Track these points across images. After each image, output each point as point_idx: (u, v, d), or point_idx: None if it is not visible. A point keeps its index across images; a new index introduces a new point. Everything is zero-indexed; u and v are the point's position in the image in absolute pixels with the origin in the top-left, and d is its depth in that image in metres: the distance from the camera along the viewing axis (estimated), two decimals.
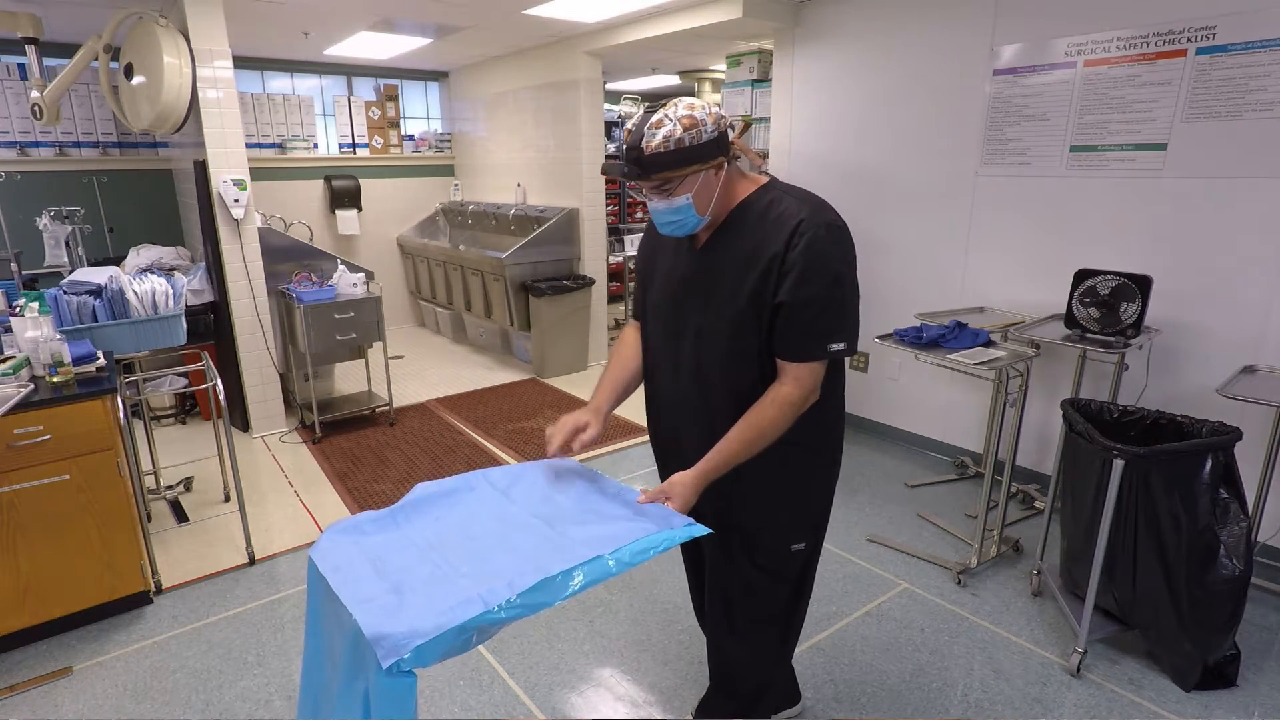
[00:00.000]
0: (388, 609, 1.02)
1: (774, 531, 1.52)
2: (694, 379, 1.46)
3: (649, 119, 1.27)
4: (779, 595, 1.60)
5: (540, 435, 4.02)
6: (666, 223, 1.36)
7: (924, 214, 3.54)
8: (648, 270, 1.58)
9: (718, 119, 1.28)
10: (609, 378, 1.56)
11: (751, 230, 1.36)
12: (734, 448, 1.33)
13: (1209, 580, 1.99)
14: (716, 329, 1.40)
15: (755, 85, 4.45)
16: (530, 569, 1.09)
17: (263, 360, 3.96)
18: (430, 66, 6.38)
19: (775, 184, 1.41)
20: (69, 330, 2.52)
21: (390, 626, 0.98)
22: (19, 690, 2.11)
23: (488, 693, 2.11)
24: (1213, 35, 2.56)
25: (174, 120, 3.59)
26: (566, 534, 1.21)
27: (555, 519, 1.27)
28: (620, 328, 6.50)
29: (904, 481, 3.44)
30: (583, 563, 1.10)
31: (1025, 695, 2.08)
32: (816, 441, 1.48)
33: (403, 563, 1.16)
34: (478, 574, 1.11)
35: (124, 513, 2.34)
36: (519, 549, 1.18)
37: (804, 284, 1.29)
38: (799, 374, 1.33)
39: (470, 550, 1.19)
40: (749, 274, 1.34)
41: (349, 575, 1.12)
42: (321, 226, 6.02)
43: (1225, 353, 2.66)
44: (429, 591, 1.07)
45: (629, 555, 1.13)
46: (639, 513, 1.28)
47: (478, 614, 1.00)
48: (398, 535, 1.25)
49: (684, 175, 1.28)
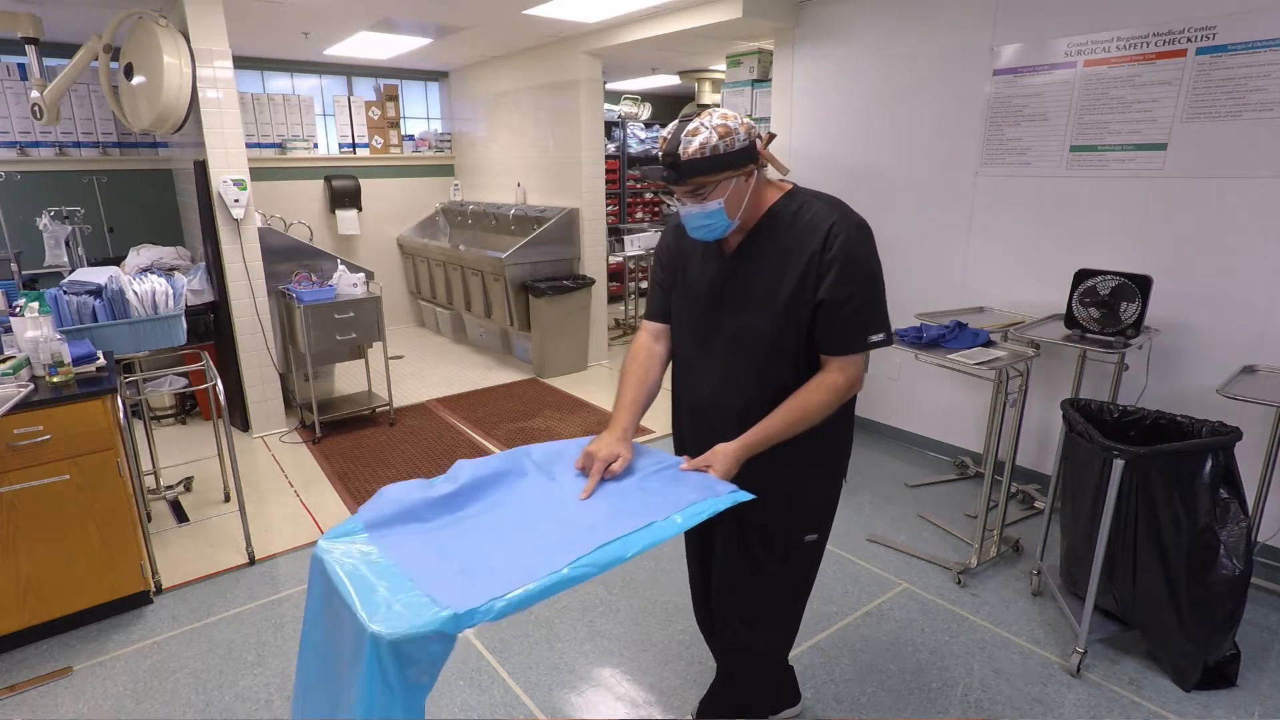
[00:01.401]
0: (462, 587, 1.07)
1: (790, 522, 1.57)
2: (728, 380, 1.51)
3: (685, 126, 1.33)
4: (788, 586, 1.65)
5: (541, 436, 4.03)
6: (698, 226, 1.41)
7: (924, 214, 3.54)
8: (672, 274, 1.61)
9: (749, 129, 1.35)
10: (629, 397, 1.55)
11: (783, 234, 1.43)
12: (778, 425, 1.40)
13: (1209, 580, 1.99)
14: (754, 330, 1.45)
15: (755, 85, 4.45)
16: (587, 538, 1.16)
17: (263, 360, 3.96)
18: (430, 66, 6.38)
19: (799, 190, 1.48)
20: (69, 330, 2.52)
21: (469, 601, 1.03)
22: (19, 690, 2.12)
23: (488, 693, 2.11)
24: (1213, 35, 2.56)
25: (174, 120, 3.59)
26: (616, 505, 1.29)
27: (603, 492, 1.34)
28: (620, 327, 6.51)
29: (904, 481, 3.44)
30: (638, 529, 1.18)
31: (1025, 695, 2.08)
32: (833, 435, 1.54)
33: (465, 545, 1.21)
34: (539, 546, 1.17)
35: (124, 513, 2.34)
36: (574, 522, 1.25)
37: (843, 282, 1.37)
38: (843, 364, 1.42)
39: (526, 527, 1.25)
40: (786, 276, 1.41)
41: (417, 562, 1.16)
42: (321, 226, 6.02)
43: (1225, 353, 2.66)
44: (496, 566, 1.13)
45: (683, 519, 1.21)
46: (683, 481, 1.35)
47: (547, 579, 1.07)
48: (453, 519, 1.30)
49: (717, 181, 1.34)
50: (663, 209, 8.13)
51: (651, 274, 1.67)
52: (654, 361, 1.61)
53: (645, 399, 1.56)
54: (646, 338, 1.65)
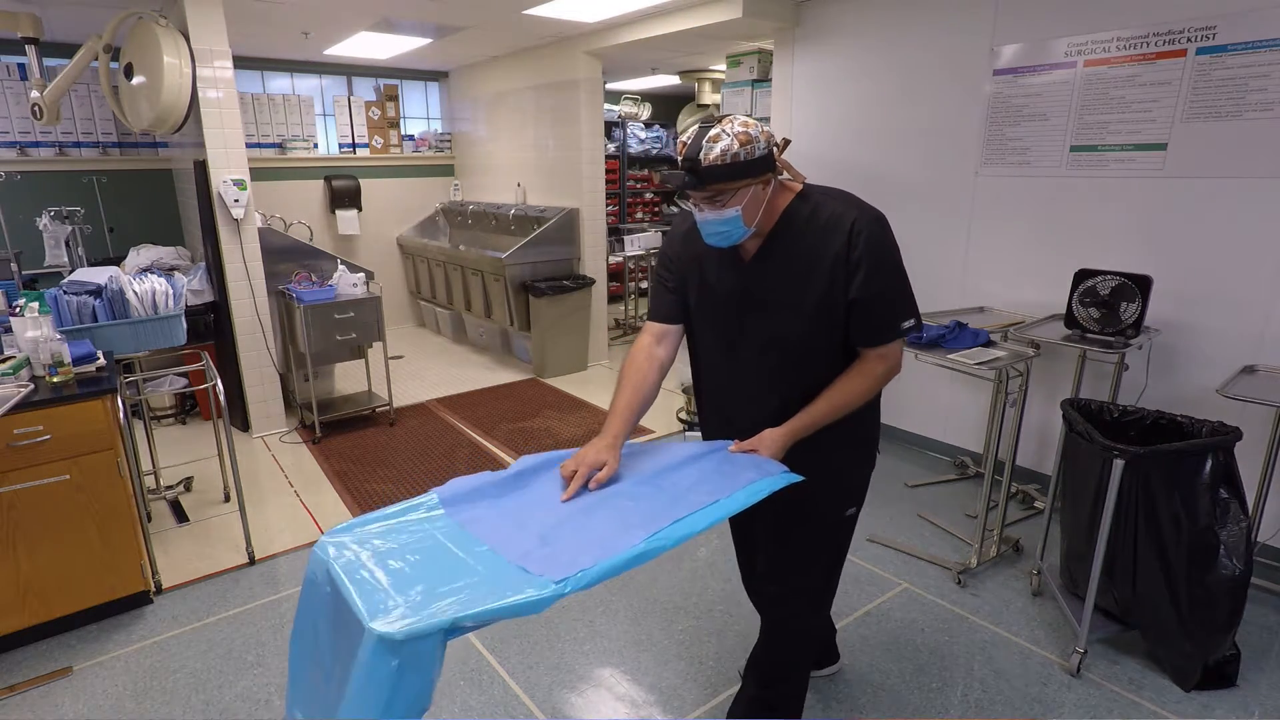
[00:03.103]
0: (549, 559, 1.13)
1: (834, 499, 1.63)
2: (760, 380, 1.53)
3: (706, 133, 1.33)
4: (830, 554, 1.72)
5: (541, 435, 4.03)
6: (714, 233, 1.43)
7: (924, 214, 3.54)
8: (680, 277, 1.60)
9: (769, 137, 1.37)
10: (623, 403, 1.54)
11: (802, 237, 1.45)
12: (822, 412, 1.46)
13: (1209, 580, 1.99)
14: (785, 334, 1.48)
15: (755, 85, 4.45)
16: (664, 513, 1.24)
17: (263, 360, 3.96)
18: (430, 66, 6.38)
19: (810, 189, 1.49)
20: (69, 330, 2.52)
21: (556, 570, 1.09)
22: (19, 690, 2.12)
23: (487, 693, 2.11)
24: (1213, 35, 2.56)
25: (174, 120, 3.60)
26: (677, 485, 1.36)
27: (665, 479, 1.39)
28: (620, 327, 6.50)
29: (904, 481, 3.44)
30: (705, 506, 1.25)
31: (1025, 695, 2.08)
32: (870, 419, 1.63)
33: (541, 517, 1.27)
34: (612, 521, 1.24)
35: (124, 513, 2.34)
36: (644, 498, 1.32)
37: (874, 277, 1.40)
38: (883, 351, 1.48)
39: (598, 508, 1.31)
40: (811, 279, 1.43)
41: (500, 534, 1.22)
42: (321, 226, 6.02)
43: (1225, 353, 2.66)
44: (575, 539, 1.19)
45: (744, 498, 1.29)
46: (736, 461, 1.42)
47: (628, 551, 1.13)
48: (525, 495, 1.37)
49: (736, 188, 1.35)
50: (663, 209, 8.13)
51: (656, 275, 1.66)
52: (653, 365, 1.60)
53: (640, 406, 1.56)
54: (648, 340, 1.64)
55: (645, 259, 6.31)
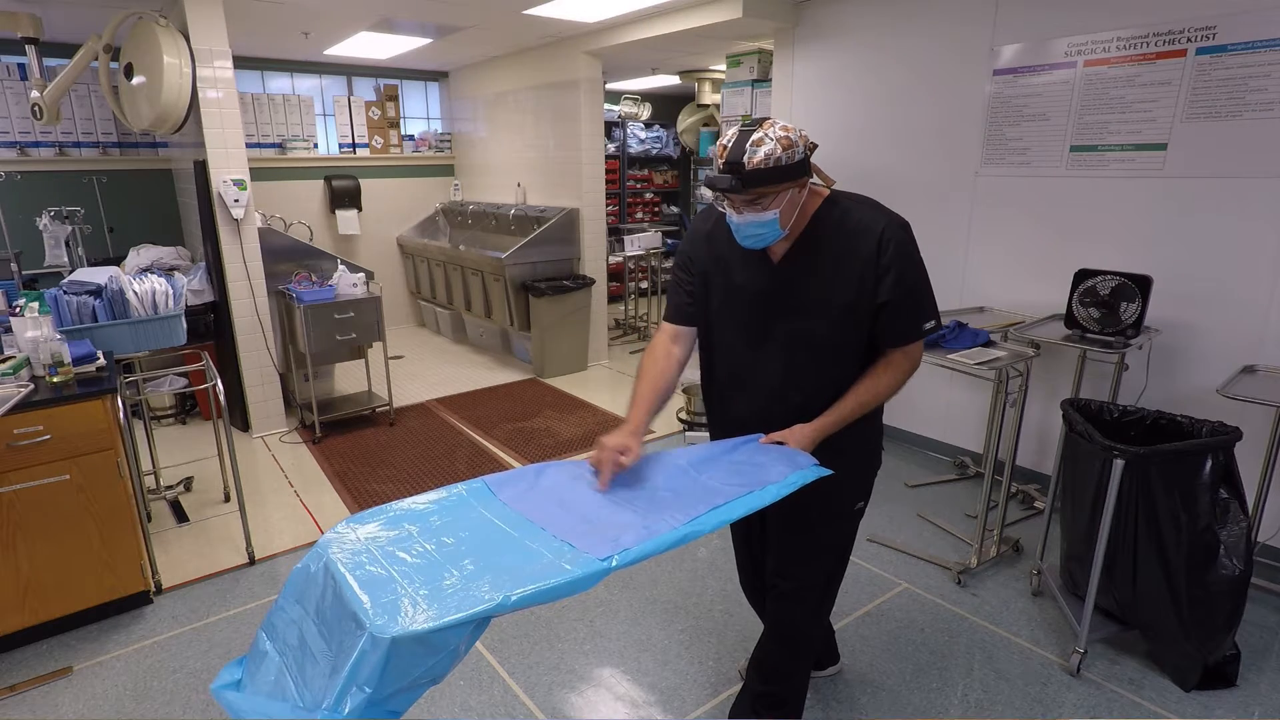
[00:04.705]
0: (593, 536, 1.18)
1: (846, 493, 1.66)
2: (785, 378, 1.56)
3: (749, 136, 1.35)
4: (837, 548, 1.75)
5: (541, 435, 4.03)
6: (751, 235, 1.45)
7: (924, 214, 3.54)
8: (702, 279, 1.62)
9: (806, 141, 1.40)
10: (645, 392, 1.58)
11: (830, 241, 1.48)
12: (852, 408, 1.51)
13: (1209, 580, 1.99)
14: (813, 334, 1.52)
15: (755, 85, 4.45)
16: (702, 500, 1.29)
17: (263, 360, 3.96)
18: (430, 66, 6.38)
19: (838, 194, 1.52)
20: (69, 330, 2.52)
21: (601, 549, 1.13)
22: (19, 690, 2.11)
23: (487, 692, 2.11)
24: (1213, 35, 2.56)
25: (174, 120, 3.60)
26: (714, 476, 1.40)
27: (700, 470, 1.43)
28: (620, 328, 6.50)
29: (904, 481, 3.44)
30: (740, 496, 1.30)
31: (1025, 695, 2.08)
32: (875, 415, 1.66)
33: (582, 499, 1.33)
34: (651, 505, 1.30)
35: (124, 513, 2.34)
36: (682, 494, 1.35)
37: (901, 281, 1.45)
38: (907, 349, 1.53)
39: (637, 496, 1.36)
40: (840, 283, 1.47)
41: (546, 514, 1.27)
42: (321, 226, 6.02)
43: (1225, 353, 2.66)
44: (615, 519, 1.24)
45: (777, 490, 1.33)
46: (768, 453, 1.46)
47: (669, 533, 1.18)
48: (562, 483, 1.40)
49: (777, 191, 1.38)
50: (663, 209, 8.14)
51: (674, 276, 1.68)
52: (671, 363, 1.63)
53: (660, 398, 1.59)
54: (665, 339, 1.66)
55: (645, 259, 6.31)
